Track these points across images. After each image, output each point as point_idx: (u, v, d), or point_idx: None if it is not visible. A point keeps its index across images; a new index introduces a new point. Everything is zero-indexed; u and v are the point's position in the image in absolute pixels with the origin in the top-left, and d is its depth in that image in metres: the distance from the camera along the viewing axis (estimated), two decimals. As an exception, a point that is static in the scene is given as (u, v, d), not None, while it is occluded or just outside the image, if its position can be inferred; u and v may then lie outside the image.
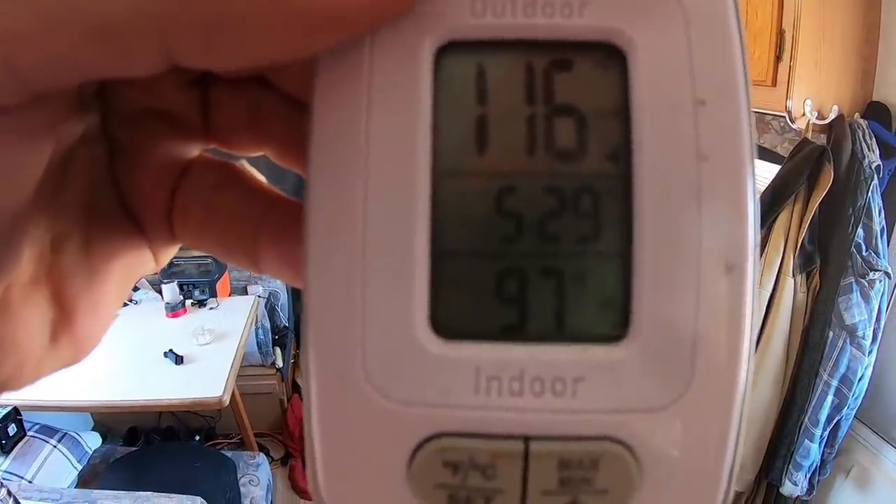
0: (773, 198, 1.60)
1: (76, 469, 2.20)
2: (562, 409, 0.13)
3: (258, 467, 2.29)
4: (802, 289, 1.63)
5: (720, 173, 0.13)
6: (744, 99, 0.13)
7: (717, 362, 0.13)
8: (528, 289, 0.13)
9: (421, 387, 0.13)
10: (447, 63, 0.13)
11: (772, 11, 1.56)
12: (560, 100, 0.13)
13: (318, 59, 0.13)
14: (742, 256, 0.13)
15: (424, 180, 0.13)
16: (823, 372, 1.60)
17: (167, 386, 2.19)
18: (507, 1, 0.13)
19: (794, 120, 1.57)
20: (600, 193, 0.13)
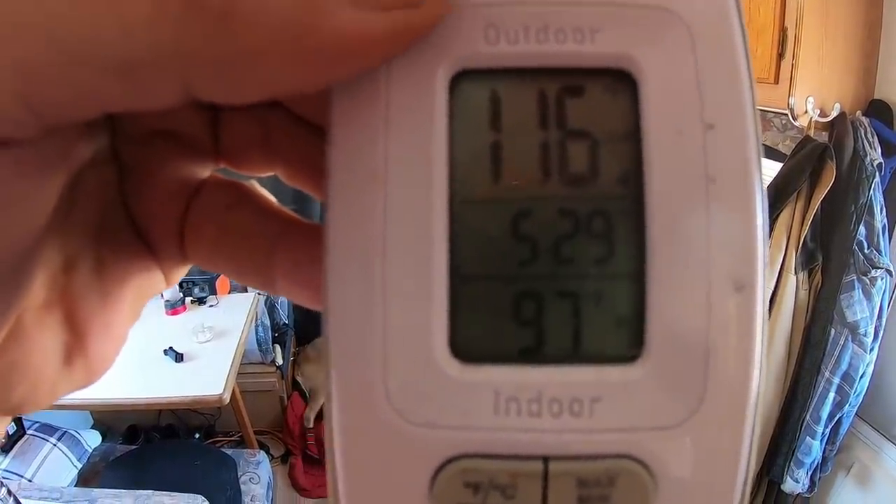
0: (775, 195, 1.58)
1: (76, 468, 2.18)
2: (580, 429, 0.13)
3: (259, 465, 2.27)
4: (804, 286, 1.62)
5: (729, 195, 0.13)
6: (751, 122, 0.13)
7: (728, 380, 0.13)
8: (545, 311, 0.13)
9: (441, 409, 0.13)
10: (462, 90, 0.13)
11: (774, 9, 1.54)
12: (572, 125, 0.14)
13: (333, 86, 0.14)
14: (752, 276, 0.13)
15: (441, 205, 0.13)
16: (825, 369, 1.59)
17: (167, 384, 2.17)
18: (520, 28, 0.13)
19: (796, 117, 1.55)
20: (613, 216, 0.13)
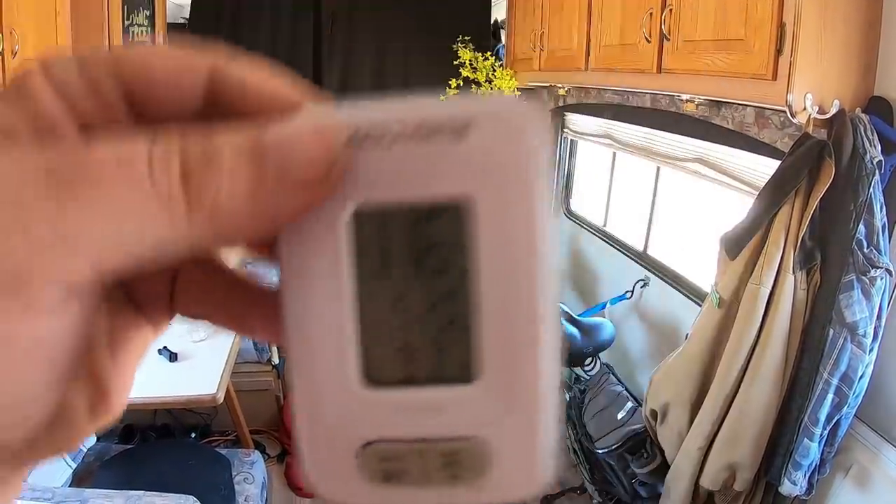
0: (773, 193, 1.54)
1: (70, 467, 2.17)
2: (443, 423, 0.20)
3: (253, 465, 2.23)
4: (802, 286, 1.57)
5: (515, 289, 0.19)
6: (542, 245, 0.19)
7: (526, 392, 0.20)
8: (417, 358, 0.20)
9: (362, 415, 0.20)
10: (356, 223, 0.19)
11: (772, 4, 1.49)
12: (430, 242, 0.19)
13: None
14: (535, 325, 0.19)
15: (351, 316, 0.20)
16: (824, 370, 1.55)
17: (162, 383, 2.13)
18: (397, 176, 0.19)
19: (794, 115, 1.50)
20: (458, 299, 0.19)
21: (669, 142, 2.38)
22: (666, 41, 1.84)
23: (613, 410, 2.05)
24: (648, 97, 2.33)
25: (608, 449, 1.98)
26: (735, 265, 1.62)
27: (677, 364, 1.78)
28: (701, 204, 2.44)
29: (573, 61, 2.33)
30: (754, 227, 1.58)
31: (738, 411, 1.65)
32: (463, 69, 3.10)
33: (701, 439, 1.70)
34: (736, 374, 1.63)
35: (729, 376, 1.63)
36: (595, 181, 3.26)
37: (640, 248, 2.72)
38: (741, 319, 1.60)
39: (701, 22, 1.71)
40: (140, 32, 2.70)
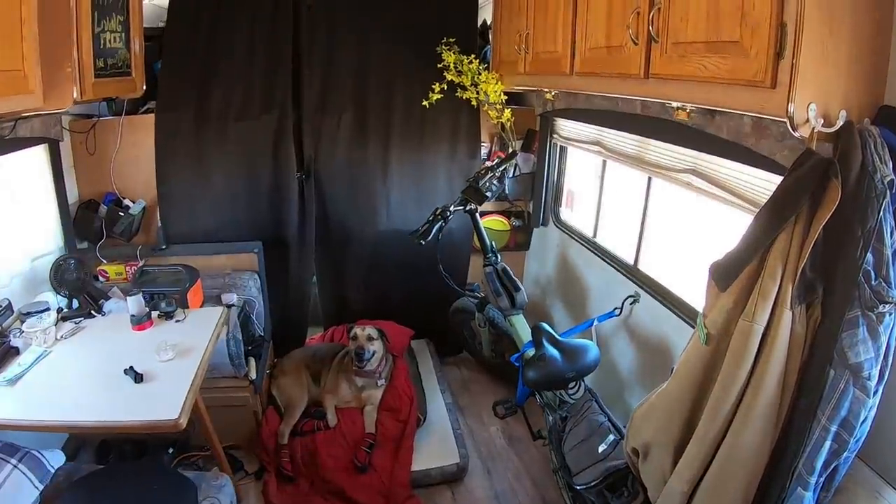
0: (770, 218, 1.31)
1: (38, 489, 1.98)
2: None
3: (221, 489, 2.09)
4: (801, 321, 1.35)
5: None
6: None
7: None
8: None
9: None
10: None
11: (771, 1, 1.25)
12: None
13: None
14: None
15: None
16: (822, 415, 1.34)
17: (124, 406, 1.96)
18: None
19: (796, 127, 1.28)
20: None
21: (661, 151, 2.14)
22: (654, 43, 1.60)
23: (595, 442, 1.83)
24: (639, 103, 2.09)
25: (587, 485, 1.77)
26: (725, 298, 1.39)
27: (661, 401, 1.56)
28: (694, 217, 2.20)
29: (558, 65, 2.09)
30: (748, 256, 1.35)
31: (726, 455, 1.44)
32: (447, 72, 2.86)
33: (684, 484, 1.49)
34: (724, 417, 1.42)
35: (717, 419, 1.42)
36: (585, 189, 3.02)
37: (630, 261, 2.48)
38: (731, 358, 1.38)
39: (692, 22, 1.47)
40: (113, 39, 2.51)
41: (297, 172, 2.99)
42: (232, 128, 2.91)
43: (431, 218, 2.53)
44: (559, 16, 2.09)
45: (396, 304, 3.25)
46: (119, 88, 2.60)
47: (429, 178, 3.14)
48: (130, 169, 2.89)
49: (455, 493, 2.49)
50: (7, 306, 2.45)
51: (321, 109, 2.98)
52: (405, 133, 3.05)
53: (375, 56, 2.99)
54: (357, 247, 3.20)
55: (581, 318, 2.73)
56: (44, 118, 2.61)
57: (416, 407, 2.67)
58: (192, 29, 2.84)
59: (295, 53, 2.89)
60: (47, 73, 2.10)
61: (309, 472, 2.49)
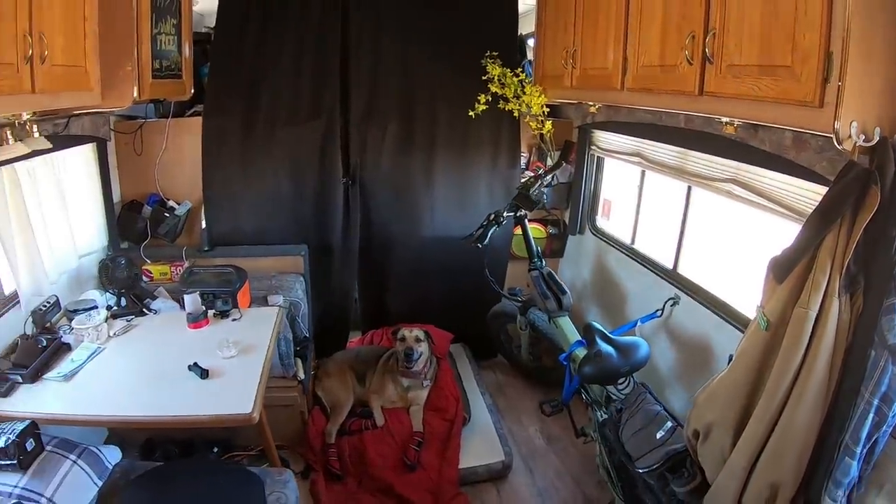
0: (820, 220, 1.62)
1: (96, 485, 2.13)
2: None
3: (286, 484, 2.22)
4: (846, 309, 1.65)
5: None
6: None
7: None
8: None
9: None
10: None
11: (819, 33, 1.56)
12: None
13: None
14: None
15: None
16: (865, 391, 1.62)
17: (193, 401, 2.17)
18: None
19: (841, 142, 1.57)
20: None
21: (702, 162, 2.47)
22: (709, 64, 1.90)
23: (652, 430, 2.13)
24: (682, 117, 2.42)
25: (648, 468, 2.06)
26: (782, 289, 1.71)
27: (722, 385, 1.86)
28: (729, 223, 2.53)
29: (609, 80, 2.41)
30: (802, 253, 1.66)
31: (782, 431, 1.73)
32: (492, 84, 3.19)
33: (745, 459, 1.78)
34: (782, 395, 1.71)
35: (775, 397, 1.71)
36: (621, 198, 3.36)
37: (669, 266, 2.81)
38: (788, 342, 1.68)
39: (746, 47, 1.76)
40: (167, 41, 2.76)
41: (342, 178, 3.27)
42: (279, 133, 3.19)
43: (486, 223, 2.84)
44: (609, 34, 2.42)
45: (434, 308, 3.54)
46: (172, 90, 2.85)
47: (471, 187, 3.46)
48: (174, 171, 3.14)
49: (500, 491, 2.76)
50: (55, 303, 2.64)
51: (367, 118, 3.28)
52: (449, 142, 3.37)
53: (420, 67, 3.30)
54: (400, 252, 3.49)
55: (618, 321, 3.04)
56: (94, 117, 2.84)
57: (461, 406, 2.95)
58: (240, 35, 3.12)
59: (342, 62, 3.19)
60: (106, 71, 2.30)
61: (357, 471, 2.72)
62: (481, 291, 3.02)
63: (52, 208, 2.67)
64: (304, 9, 3.14)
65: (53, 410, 2.15)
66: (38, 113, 2.25)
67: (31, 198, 2.51)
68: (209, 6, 3.16)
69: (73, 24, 2.07)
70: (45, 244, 2.59)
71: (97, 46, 2.22)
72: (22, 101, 1.86)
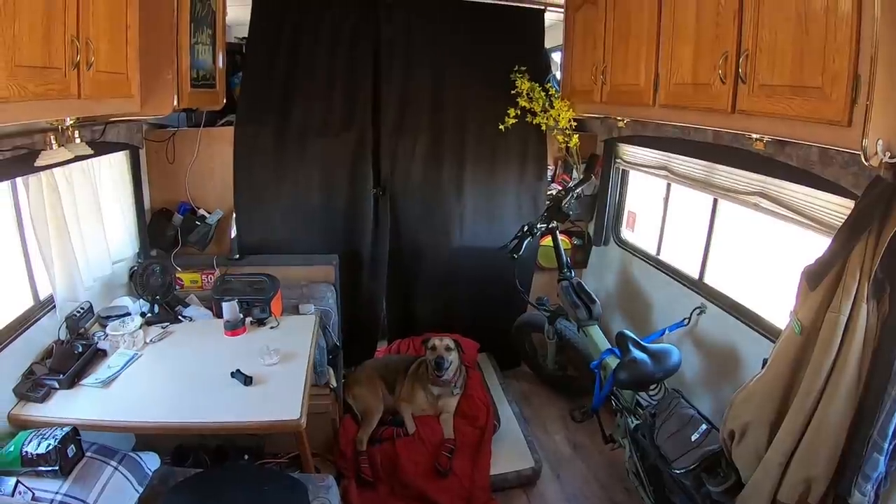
0: (851, 231, 1.85)
1: (137, 492, 2.21)
2: None
3: (329, 490, 2.33)
4: (874, 313, 1.87)
5: None
6: None
7: None
8: None
9: None
10: None
11: (848, 57, 1.75)
12: None
13: None
14: None
15: None
16: (892, 388, 1.82)
17: (238, 407, 2.28)
18: None
19: (868, 158, 1.76)
20: None
21: (729, 175, 2.70)
22: (741, 83, 2.11)
23: (688, 432, 2.33)
24: (710, 132, 2.66)
25: (685, 469, 2.26)
26: (815, 295, 1.93)
27: (758, 387, 2.07)
28: (755, 234, 2.76)
29: (640, 97, 2.64)
30: (834, 261, 1.89)
31: (815, 429, 1.93)
32: (520, 98, 3.43)
33: (781, 455, 1.99)
34: (815, 395, 1.92)
35: (809, 397, 1.93)
36: (646, 210, 3.59)
37: (695, 276, 3.04)
38: (821, 344, 1.90)
39: (778, 68, 1.95)
40: (204, 51, 2.93)
41: (373, 189, 3.48)
42: (311, 144, 3.40)
43: (520, 234, 3.06)
44: (641, 52, 2.65)
45: (461, 318, 3.75)
46: (207, 100, 3.00)
47: (499, 199, 3.69)
48: (205, 179, 3.32)
49: (530, 497, 2.94)
50: (88, 309, 2.78)
51: (398, 130, 3.51)
52: (477, 155, 3.60)
53: (449, 81, 3.53)
54: (428, 262, 3.70)
55: (644, 330, 3.25)
56: (129, 125, 3.00)
57: (492, 414, 3.14)
58: (273, 47, 3.32)
59: (374, 75, 3.41)
60: (146, 79, 2.41)
61: (388, 478, 2.89)
62: (507, 301, 3.24)
63: (87, 214, 2.80)
64: (337, 22, 3.36)
65: (92, 416, 2.23)
66: (79, 119, 2.38)
67: (69, 203, 2.64)
68: (239, 17, 3.36)
69: (117, 32, 2.18)
70: (80, 250, 2.72)
71: (138, 54, 2.33)
72: (68, 105, 1.95)
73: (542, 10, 3.58)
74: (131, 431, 2.49)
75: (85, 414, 2.25)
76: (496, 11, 3.54)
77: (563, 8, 3.39)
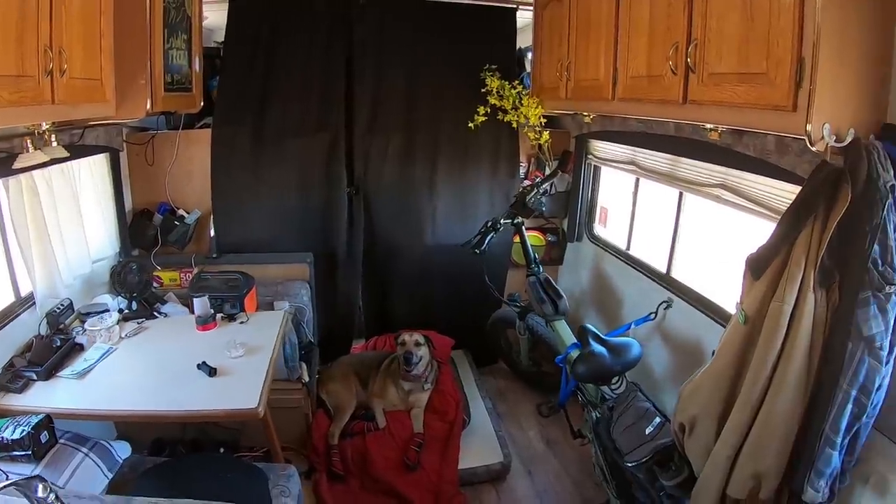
0: (794, 217, 1.73)
1: (107, 477, 2.23)
2: None
3: (289, 479, 2.32)
4: (822, 303, 1.74)
5: None
6: None
7: None
8: None
9: None
10: None
11: (792, 40, 1.64)
12: None
13: None
14: None
15: None
16: (843, 382, 1.69)
17: (201, 397, 2.28)
18: None
19: (813, 143, 1.65)
20: None
21: (692, 168, 2.58)
22: (692, 73, 2.00)
23: (642, 425, 2.22)
24: (672, 125, 2.54)
25: (637, 462, 2.14)
26: (759, 285, 1.81)
27: (705, 379, 1.95)
28: (720, 227, 2.64)
29: (600, 91, 2.54)
30: (777, 249, 1.76)
31: (763, 422, 1.80)
32: (490, 97, 3.34)
33: (728, 449, 1.86)
34: (761, 387, 1.80)
35: (754, 389, 1.80)
36: (617, 206, 3.47)
37: (662, 270, 2.91)
38: (765, 335, 1.78)
39: (725, 56, 1.85)
40: (179, 56, 2.91)
41: (347, 188, 3.42)
42: (287, 144, 3.34)
43: (483, 230, 2.97)
44: (601, 47, 2.55)
45: (436, 315, 3.65)
46: (182, 103, 2.98)
47: (471, 196, 3.59)
48: (184, 180, 3.30)
49: (499, 492, 2.84)
50: (69, 305, 2.78)
51: (371, 130, 3.43)
52: (450, 153, 3.51)
53: (422, 81, 3.45)
54: (403, 260, 3.62)
55: (615, 325, 3.13)
56: (107, 128, 2.98)
57: (461, 409, 3.05)
58: (249, 49, 3.28)
59: (348, 76, 3.35)
60: (121, 84, 2.41)
61: (359, 472, 2.81)
62: (482, 298, 3.15)
63: (67, 215, 2.81)
64: (312, 23, 3.30)
65: (66, 405, 2.25)
66: (56, 123, 2.38)
67: (48, 204, 2.65)
68: (219, 21, 3.33)
69: (91, 40, 2.19)
70: (60, 249, 2.72)
71: (113, 61, 2.34)
72: (42, 111, 1.96)
73: (515, 9, 3.49)
74: (100, 420, 2.49)
75: (60, 403, 2.27)
76: (469, 10, 3.46)
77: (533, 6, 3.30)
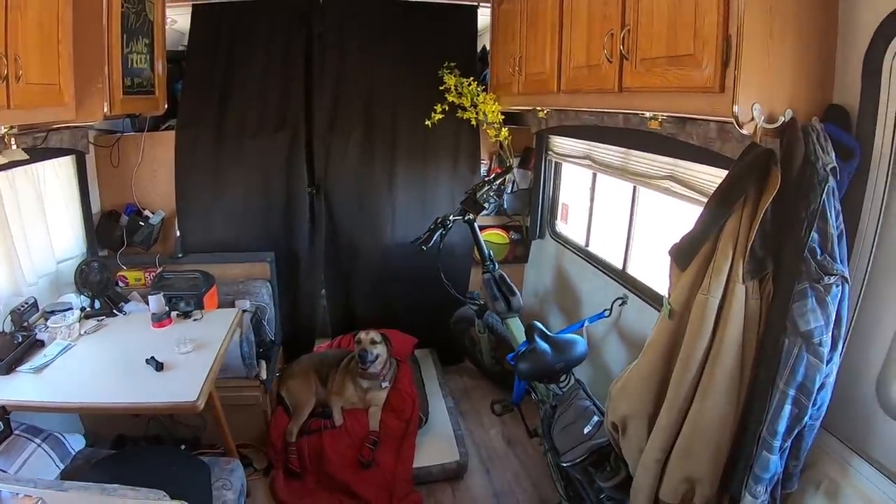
0: (719, 203, 1.53)
1: (59, 468, 2.20)
2: None
3: (232, 472, 2.25)
4: (755, 295, 1.54)
5: None
6: None
7: None
8: None
9: None
10: None
11: (717, 18, 1.48)
12: None
13: None
14: None
15: None
16: (780, 381, 1.48)
17: (147, 390, 2.21)
18: None
19: (741, 125, 1.48)
20: None
21: (642, 161, 2.39)
22: (625, 60, 1.84)
23: (580, 424, 2.02)
24: (620, 117, 2.35)
25: (572, 462, 1.95)
26: (685, 276, 1.60)
27: (634, 376, 1.75)
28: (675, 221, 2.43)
29: (546, 84, 2.36)
30: (702, 238, 1.56)
31: (692, 424, 1.59)
32: (448, 94, 3.18)
33: (657, 452, 1.65)
34: (688, 386, 1.59)
35: (681, 388, 1.60)
36: (578, 202, 3.28)
37: (619, 266, 2.71)
38: (691, 328, 1.57)
39: (655, 39, 1.69)
40: (139, 60, 2.83)
41: (307, 188, 3.29)
42: (247, 145, 3.22)
43: (432, 227, 2.80)
44: (547, 40, 2.37)
45: (401, 314, 3.49)
46: (143, 106, 2.89)
47: (432, 194, 3.42)
48: (150, 181, 3.20)
49: (455, 491, 2.66)
50: (33, 304, 2.71)
51: (331, 129, 3.29)
52: (410, 151, 3.35)
53: (382, 79, 3.30)
54: (365, 259, 3.46)
55: (574, 322, 2.93)
56: (72, 131, 2.90)
57: (418, 407, 2.87)
58: (211, 53, 3.17)
59: (307, 76, 3.22)
60: (80, 88, 2.35)
61: (315, 469, 2.66)
62: (446, 297, 2.97)
63: (30, 216, 2.73)
64: (271, 23, 3.19)
65: (23, 398, 2.20)
66: (17, 127, 2.31)
67: (11, 206, 2.58)
68: (188, 25, 3.24)
69: (48, 46, 2.14)
70: (23, 249, 2.65)
71: (71, 66, 2.28)
72: None
73: (476, 7, 3.32)
74: (53, 412, 2.43)
75: (18, 396, 2.22)
76: (429, 9, 3.30)
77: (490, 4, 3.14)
